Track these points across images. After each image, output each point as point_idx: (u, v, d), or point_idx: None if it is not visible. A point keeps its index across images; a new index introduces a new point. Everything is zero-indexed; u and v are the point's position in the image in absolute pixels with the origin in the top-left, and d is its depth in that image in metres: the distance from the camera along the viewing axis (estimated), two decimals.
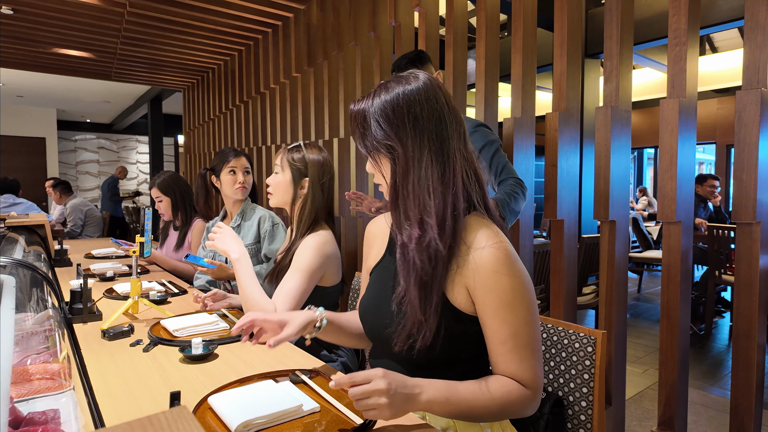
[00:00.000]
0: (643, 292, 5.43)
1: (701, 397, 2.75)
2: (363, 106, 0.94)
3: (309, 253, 1.46)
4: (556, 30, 1.95)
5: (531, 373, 0.88)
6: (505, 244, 0.89)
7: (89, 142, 11.62)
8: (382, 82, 0.96)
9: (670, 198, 1.60)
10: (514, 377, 0.88)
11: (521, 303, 0.88)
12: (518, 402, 0.87)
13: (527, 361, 0.88)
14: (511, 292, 0.87)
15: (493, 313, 0.88)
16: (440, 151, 0.91)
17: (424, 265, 0.89)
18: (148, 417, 0.39)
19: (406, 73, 0.96)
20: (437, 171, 0.90)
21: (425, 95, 0.91)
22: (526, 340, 0.88)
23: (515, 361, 0.88)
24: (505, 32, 6.23)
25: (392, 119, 0.91)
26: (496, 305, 0.87)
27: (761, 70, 1.44)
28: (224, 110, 5.09)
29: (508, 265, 0.87)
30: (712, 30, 4.05)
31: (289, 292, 1.40)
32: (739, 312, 1.50)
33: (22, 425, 0.79)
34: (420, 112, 0.90)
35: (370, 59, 2.96)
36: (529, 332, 0.88)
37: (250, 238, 2.07)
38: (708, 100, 8.30)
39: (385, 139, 0.91)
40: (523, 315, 0.88)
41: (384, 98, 0.92)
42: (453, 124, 0.93)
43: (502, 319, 0.87)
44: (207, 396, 0.97)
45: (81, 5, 3.42)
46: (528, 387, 0.88)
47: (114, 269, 2.32)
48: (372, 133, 0.92)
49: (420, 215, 0.90)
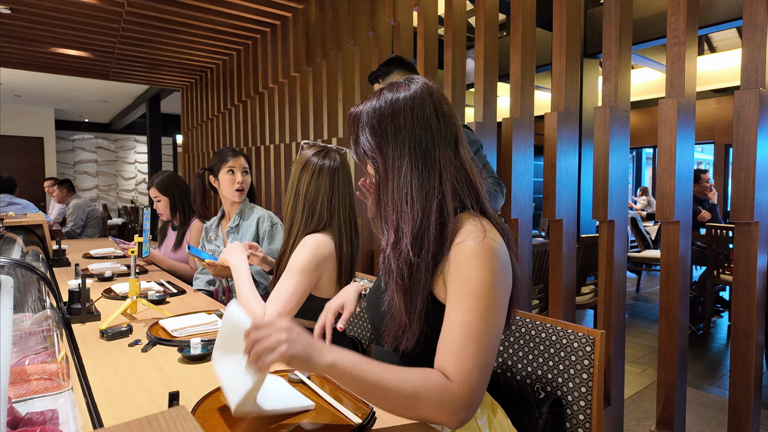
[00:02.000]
0: (642, 292, 5.43)
1: (700, 397, 2.75)
2: (357, 111, 0.97)
3: (303, 251, 1.43)
4: (555, 30, 1.95)
5: (463, 369, 0.80)
6: (487, 240, 0.86)
7: (87, 141, 11.61)
8: (379, 89, 0.98)
9: (668, 198, 1.60)
10: (443, 369, 0.82)
11: (484, 297, 0.83)
12: (435, 392, 0.79)
13: (465, 355, 0.81)
14: (477, 283, 0.84)
15: (452, 299, 0.85)
16: (422, 160, 0.91)
17: (400, 270, 0.90)
18: (147, 417, 0.39)
19: (404, 80, 0.97)
20: (417, 179, 0.91)
21: (411, 104, 0.92)
22: (474, 335, 0.82)
23: (452, 351, 0.82)
24: (504, 32, 6.23)
25: (377, 130, 0.93)
26: (457, 292, 0.85)
27: (759, 70, 1.44)
28: (223, 110, 5.08)
29: (481, 259, 0.85)
30: (711, 30, 4.06)
31: (281, 294, 1.37)
32: (737, 311, 1.51)
33: (21, 426, 0.78)
34: (403, 122, 0.92)
35: (368, 59, 2.96)
36: (481, 330, 0.82)
37: (248, 237, 2.06)
38: (706, 100, 8.31)
39: (369, 150, 0.95)
40: (481, 309, 0.83)
41: (374, 105, 0.94)
42: (441, 133, 0.93)
43: (459, 305, 0.84)
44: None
45: (79, 4, 3.42)
46: (453, 381, 0.80)
47: (112, 269, 2.32)
48: (360, 143, 0.96)
49: (397, 222, 0.91)
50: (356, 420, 0.89)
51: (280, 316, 1.27)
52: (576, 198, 2.01)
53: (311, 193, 1.48)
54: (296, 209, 1.49)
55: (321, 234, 1.47)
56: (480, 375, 0.81)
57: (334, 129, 3.25)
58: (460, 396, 0.79)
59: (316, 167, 1.48)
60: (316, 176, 1.47)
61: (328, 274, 1.47)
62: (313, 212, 1.48)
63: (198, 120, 5.91)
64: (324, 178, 1.47)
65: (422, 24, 2.54)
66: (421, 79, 0.96)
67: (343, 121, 3.14)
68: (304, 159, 1.51)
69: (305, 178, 1.48)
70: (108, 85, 7.37)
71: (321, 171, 1.48)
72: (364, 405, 0.96)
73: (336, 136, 3.20)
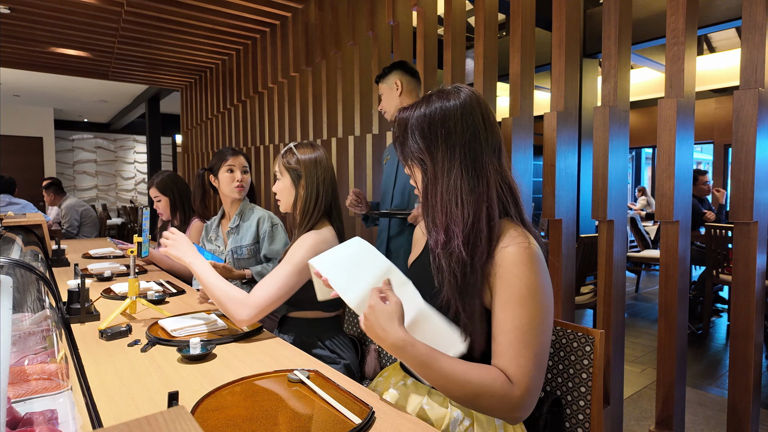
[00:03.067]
0: (641, 292, 5.44)
1: (699, 397, 2.75)
2: (405, 116, 1.02)
3: (303, 249, 1.44)
4: (555, 30, 1.95)
5: (522, 371, 0.86)
6: (530, 245, 0.91)
7: (86, 141, 11.60)
8: (427, 93, 1.03)
9: (668, 197, 1.60)
10: (504, 370, 0.87)
11: (533, 301, 0.88)
12: (497, 393, 0.85)
13: (523, 358, 0.86)
14: (525, 287, 0.88)
15: (502, 304, 0.90)
16: (472, 165, 0.96)
17: (452, 270, 0.93)
18: (146, 417, 0.39)
19: (451, 87, 1.02)
20: (467, 183, 0.95)
21: (461, 111, 0.97)
22: (529, 339, 0.87)
23: (510, 354, 0.87)
24: (504, 32, 6.24)
25: (426, 133, 0.98)
26: (507, 296, 0.89)
27: (759, 70, 1.44)
28: (222, 110, 5.08)
29: (528, 263, 0.89)
30: (710, 30, 4.06)
31: (273, 281, 1.38)
32: (736, 311, 1.51)
33: (20, 426, 0.78)
34: (453, 127, 0.96)
35: (368, 58, 2.96)
36: (534, 333, 0.87)
37: (248, 238, 2.06)
38: (706, 100, 8.32)
39: (417, 152, 0.99)
40: (532, 314, 0.88)
41: (423, 111, 0.99)
42: (488, 140, 0.98)
43: (510, 311, 0.88)
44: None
45: (78, 4, 3.41)
46: (514, 383, 0.86)
47: (112, 269, 2.31)
48: (408, 144, 1.00)
49: (447, 223, 0.95)
50: (356, 420, 0.89)
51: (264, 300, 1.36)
52: (575, 198, 2.01)
53: (327, 187, 1.55)
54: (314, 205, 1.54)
55: (323, 228, 1.51)
56: (538, 378, 0.87)
57: (334, 129, 3.25)
58: (522, 397, 0.85)
59: (325, 163, 1.56)
60: (325, 171, 1.55)
61: None
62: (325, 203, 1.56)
63: (197, 120, 5.91)
64: (330, 171, 1.57)
65: (422, 24, 2.54)
66: (468, 88, 1.02)
67: (343, 120, 3.14)
68: (313, 159, 1.55)
69: (320, 175, 1.54)
70: (107, 84, 7.37)
71: (328, 166, 1.56)
72: (363, 405, 0.96)
73: (335, 136, 3.20)
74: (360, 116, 3.01)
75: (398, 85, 2.09)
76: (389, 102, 2.12)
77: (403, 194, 2.10)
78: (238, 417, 0.91)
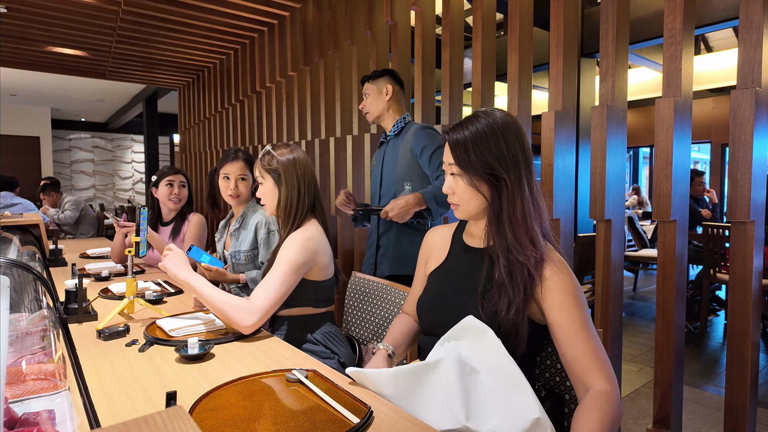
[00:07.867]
0: (639, 291, 5.45)
1: (696, 395, 2.76)
2: (460, 137, 1.06)
3: (293, 248, 1.46)
4: (552, 29, 1.95)
5: (606, 375, 0.94)
6: (566, 265, 1.04)
7: (84, 141, 11.57)
8: (473, 115, 1.08)
9: (665, 197, 1.60)
10: (597, 386, 0.93)
11: (587, 319, 0.99)
12: (611, 411, 0.89)
13: (602, 364, 0.95)
14: (580, 307, 1.00)
15: (563, 325, 0.99)
16: (527, 183, 1.05)
17: (523, 279, 1.01)
18: (144, 417, 0.39)
19: (491, 110, 1.08)
20: (528, 199, 1.04)
21: (514, 131, 1.05)
22: (596, 348, 0.96)
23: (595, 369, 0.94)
24: (502, 31, 6.24)
25: (484, 151, 1.04)
26: (566, 317, 0.99)
27: (756, 70, 1.45)
28: (220, 109, 5.07)
29: (574, 284, 1.02)
30: (707, 29, 4.07)
31: (271, 283, 1.40)
32: (733, 310, 1.51)
33: (17, 426, 0.78)
34: (506, 147, 1.04)
35: (366, 58, 2.96)
36: (597, 341, 0.98)
37: (246, 244, 2.06)
38: (703, 100, 8.34)
39: (488, 169, 1.04)
40: (588, 324, 0.99)
41: (478, 129, 1.04)
42: (528, 161, 1.07)
43: (573, 329, 0.98)
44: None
45: (75, 3, 3.40)
46: (612, 389, 0.92)
47: (109, 269, 2.31)
48: (471, 161, 1.04)
49: (531, 236, 1.03)
50: (354, 419, 0.89)
51: (266, 304, 1.38)
52: (573, 197, 2.01)
53: (308, 184, 1.58)
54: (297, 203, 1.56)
55: (308, 224, 1.54)
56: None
57: (332, 128, 3.25)
58: (618, 394, 0.94)
59: (304, 161, 1.58)
60: (304, 169, 1.58)
61: (322, 261, 1.54)
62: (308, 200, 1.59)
63: (195, 119, 5.90)
64: (310, 168, 1.60)
65: (420, 23, 2.54)
66: (500, 111, 1.09)
67: (341, 120, 3.13)
68: (292, 159, 1.57)
69: (299, 173, 1.56)
70: (105, 84, 7.35)
71: (307, 163, 1.59)
72: (361, 404, 0.96)
73: (333, 136, 3.20)
74: (358, 116, 3.01)
75: (388, 91, 2.15)
76: (375, 104, 2.18)
77: (390, 197, 2.14)
78: (237, 417, 0.91)
